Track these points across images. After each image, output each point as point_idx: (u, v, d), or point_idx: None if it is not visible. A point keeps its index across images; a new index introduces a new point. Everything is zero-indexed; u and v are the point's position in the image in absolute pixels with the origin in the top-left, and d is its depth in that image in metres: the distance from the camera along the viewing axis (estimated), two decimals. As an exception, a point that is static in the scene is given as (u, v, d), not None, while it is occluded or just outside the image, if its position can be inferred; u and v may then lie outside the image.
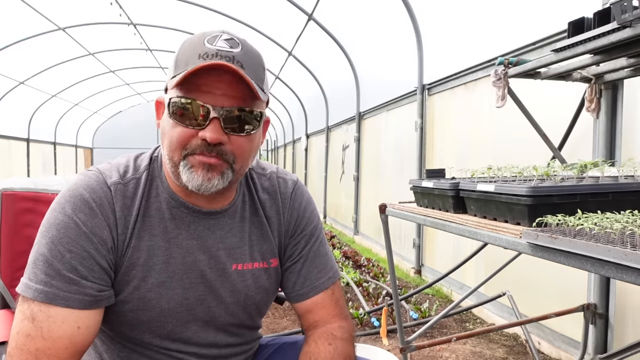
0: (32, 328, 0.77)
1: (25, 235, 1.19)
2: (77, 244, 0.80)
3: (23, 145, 11.17)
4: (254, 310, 0.99)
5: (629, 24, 1.32)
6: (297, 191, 1.04)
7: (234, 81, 0.80)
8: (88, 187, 0.84)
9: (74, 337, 0.78)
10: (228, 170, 0.83)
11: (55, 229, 0.80)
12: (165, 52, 9.57)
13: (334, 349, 0.92)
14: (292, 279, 0.99)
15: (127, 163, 0.92)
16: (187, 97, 0.80)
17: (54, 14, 7.10)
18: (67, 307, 0.78)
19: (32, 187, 1.22)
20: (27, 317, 0.77)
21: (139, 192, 0.88)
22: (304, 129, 10.05)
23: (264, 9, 6.44)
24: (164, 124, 0.85)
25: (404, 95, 4.75)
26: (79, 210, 0.81)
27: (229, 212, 0.94)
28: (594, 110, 2.07)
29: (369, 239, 5.94)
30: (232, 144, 0.82)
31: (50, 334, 0.77)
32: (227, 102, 0.80)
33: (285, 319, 3.12)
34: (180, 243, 0.89)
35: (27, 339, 0.77)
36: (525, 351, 2.59)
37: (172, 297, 0.88)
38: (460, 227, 1.32)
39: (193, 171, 0.81)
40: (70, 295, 0.78)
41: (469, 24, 3.62)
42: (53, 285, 0.78)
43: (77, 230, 0.80)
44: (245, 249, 0.94)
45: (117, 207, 0.85)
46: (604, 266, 0.83)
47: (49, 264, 0.78)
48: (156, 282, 0.86)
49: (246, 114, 0.82)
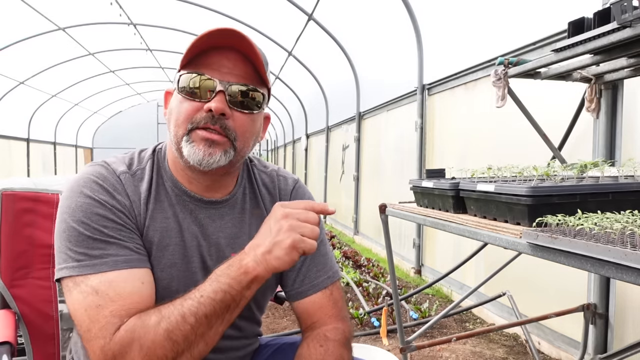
0: (99, 299, 0.77)
1: (25, 235, 1.19)
2: (108, 219, 0.82)
3: (23, 145, 11.16)
4: (252, 301, 0.98)
5: (629, 24, 1.32)
6: (298, 190, 1.06)
7: (239, 60, 0.85)
8: (99, 174, 0.87)
9: (141, 292, 0.80)
10: (230, 149, 0.86)
11: (80, 211, 0.82)
12: (165, 52, 9.57)
13: (325, 350, 0.92)
14: (291, 276, 1.00)
15: (131, 156, 0.95)
16: (195, 71, 0.84)
17: (54, 14, 7.10)
18: (129, 267, 0.80)
19: (32, 187, 1.22)
20: (89, 292, 0.77)
21: (146, 178, 0.91)
22: (304, 129, 10.05)
23: (264, 9, 6.44)
24: (171, 105, 0.89)
25: (404, 95, 4.75)
26: (97, 192, 0.84)
27: (229, 202, 0.96)
28: (594, 110, 2.07)
29: (369, 239, 5.94)
30: (235, 120, 0.86)
31: (119, 295, 0.78)
32: (232, 78, 0.85)
33: (285, 319, 3.12)
34: (186, 227, 0.91)
35: (98, 309, 0.76)
36: (525, 351, 2.59)
37: (181, 280, 0.89)
38: (460, 227, 1.32)
39: (194, 145, 0.84)
40: (127, 257, 0.81)
41: (469, 24, 3.62)
42: (108, 254, 0.80)
43: (102, 207, 0.83)
44: (244, 239, 0.95)
45: (129, 191, 0.88)
46: (604, 266, 0.83)
47: (93, 240, 0.80)
48: (169, 262, 0.89)
49: (250, 91, 0.87)
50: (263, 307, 1.05)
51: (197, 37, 0.82)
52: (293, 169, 12.06)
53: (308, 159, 10.08)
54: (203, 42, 0.82)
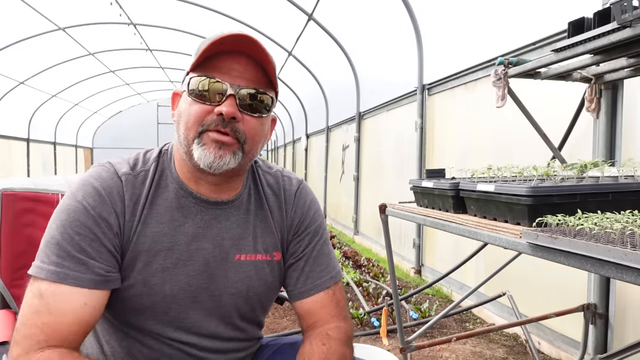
0: (40, 304, 0.80)
1: (25, 235, 1.19)
2: (85, 227, 0.84)
3: (23, 145, 11.16)
4: (256, 303, 0.99)
5: (629, 24, 1.32)
6: (302, 190, 1.06)
7: (250, 64, 0.86)
8: (99, 177, 0.89)
9: (79, 314, 0.81)
10: (239, 151, 0.87)
11: (65, 214, 0.85)
12: (165, 52, 9.56)
13: (328, 349, 0.92)
14: (294, 276, 1.00)
15: (137, 157, 0.96)
16: (206, 75, 0.85)
17: (54, 14, 7.09)
18: (76, 285, 0.81)
19: (32, 187, 1.22)
20: (36, 294, 0.80)
21: (147, 182, 0.92)
22: (304, 129, 10.05)
23: (264, 9, 6.43)
24: (180, 108, 0.89)
25: (404, 95, 4.75)
26: (88, 196, 0.86)
27: (235, 203, 0.96)
28: (594, 111, 2.07)
29: (369, 239, 5.94)
30: (244, 123, 0.87)
31: (57, 310, 0.80)
32: (242, 82, 0.86)
33: (285, 319, 3.12)
34: (186, 231, 0.91)
35: (34, 314, 0.79)
36: (525, 351, 2.59)
37: (175, 283, 0.90)
38: (461, 227, 1.32)
39: (205, 149, 0.85)
40: (80, 274, 0.81)
41: (468, 24, 3.62)
42: (64, 265, 0.81)
43: (86, 214, 0.84)
44: (249, 240, 0.96)
45: (126, 195, 0.89)
46: (604, 266, 0.83)
47: (60, 246, 0.82)
48: (160, 267, 0.89)
49: (260, 95, 0.88)
50: (267, 310, 1.06)
51: (209, 42, 0.82)
52: (293, 169, 12.06)
53: (308, 159, 10.08)
54: (215, 47, 0.83)
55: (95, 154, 17.03)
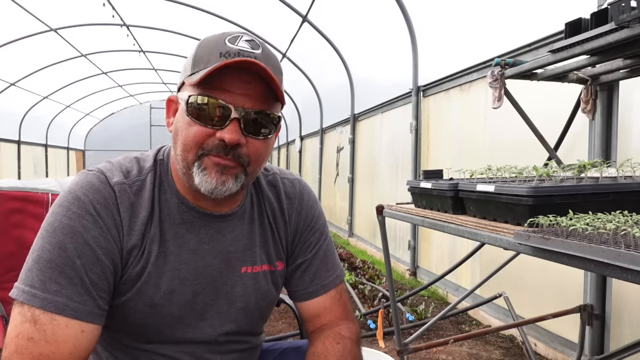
0: (35, 331, 0.72)
1: (14, 237, 1.16)
2: (88, 245, 0.76)
3: (14, 148, 11.03)
4: (260, 314, 0.97)
5: (627, 24, 1.32)
6: (304, 190, 1.03)
7: (255, 82, 0.78)
8: (91, 187, 0.80)
9: (78, 341, 0.75)
10: (241, 174, 0.81)
11: (61, 234, 0.76)
12: (158, 53, 9.51)
13: (343, 347, 0.91)
14: (301, 277, 0.98)
15: (129, 163, 0.88)
16: (208, 95, 0.77)
17: (45, 14, 7.03)
18: (73, 318, 0.74)
19: (20, 187, 1.19)
20: (28, 319, 0.73)
21: (146, 195, 0.84)
22: (298, 131, 10.03)
23: (258, 10, 6.42)
24: (178, 123, 0.81)
25: (399, 97, 4.75)
26: (85, 212, 0.78)
27: (238, 214, 0.92)
28: (589, 112, 2.07)
29: (364, 240, 5.92)
30: (248, 147, 0.80)
31: (55, 338, 0.73)
32: (247, 102, 0.78)
33: (280, 321, 3.09)
34: (192, 248, 0.86)
35: (29, 342, 0.72)
36: (521, 353, 2.58)
37: (183, 304, 0.86)
38: (460, 228, 1.31)
39: (207, 174, 0.79)
40: (80, 306, 0.75)
41: (463, 26, 3.62)
42: (63, 294, 0.74)
43: (84, 235, 0.77)
44: (254, 251, 0.93)
45: (121, 208, 0.81)
46: (598, 265, 0.83)
47: (60, 271, 0.74)
48: (167, 289, 0.84)
49: (265, 117, 0.80)
50: (267, 318, 1.03)
51: (211, 68, 0.75)
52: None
53: (302, 161, 10.06)
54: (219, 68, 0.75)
55: (88, 156, 16.88)
